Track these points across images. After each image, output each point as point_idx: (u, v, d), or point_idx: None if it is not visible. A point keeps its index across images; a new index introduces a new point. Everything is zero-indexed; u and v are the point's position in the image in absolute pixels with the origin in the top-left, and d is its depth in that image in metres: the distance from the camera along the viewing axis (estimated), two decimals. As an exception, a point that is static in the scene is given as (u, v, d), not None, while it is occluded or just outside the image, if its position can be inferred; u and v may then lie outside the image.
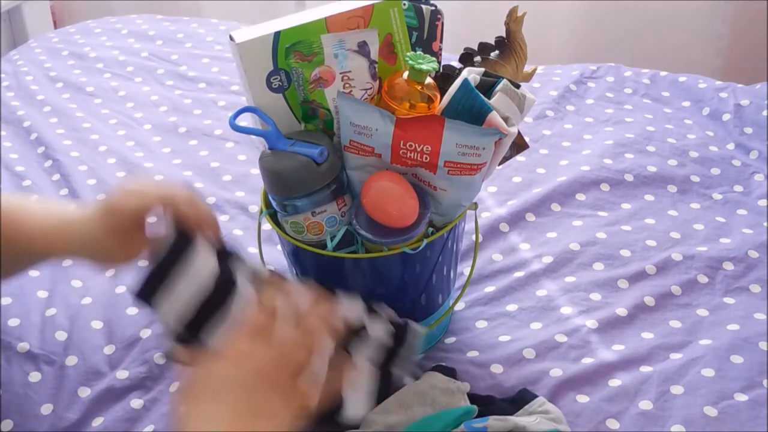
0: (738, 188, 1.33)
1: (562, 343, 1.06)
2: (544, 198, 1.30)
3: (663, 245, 1.21)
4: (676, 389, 1.00)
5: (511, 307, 1.12)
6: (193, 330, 0.88)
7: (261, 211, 1.00)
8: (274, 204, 0.97)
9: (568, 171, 1.35)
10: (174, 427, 0.74)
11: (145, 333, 1.09)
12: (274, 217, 0.99)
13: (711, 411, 0.97)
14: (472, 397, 0.99)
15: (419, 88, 0.93)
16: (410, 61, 0.92)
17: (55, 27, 2.66)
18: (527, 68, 1.07)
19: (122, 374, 1.04)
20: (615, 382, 1.01)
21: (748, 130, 1.45)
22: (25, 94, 1.66)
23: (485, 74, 0.96)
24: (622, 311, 1.10)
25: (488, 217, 1.27)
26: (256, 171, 1.38)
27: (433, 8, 0.99)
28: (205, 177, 1.39)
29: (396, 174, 0.93)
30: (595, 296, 1.13)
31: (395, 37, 0.97)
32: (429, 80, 0.94)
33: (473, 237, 1.18)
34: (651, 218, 1.27)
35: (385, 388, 0.93)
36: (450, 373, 1.01)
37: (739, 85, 1.56)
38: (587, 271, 1.17)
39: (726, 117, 1.49)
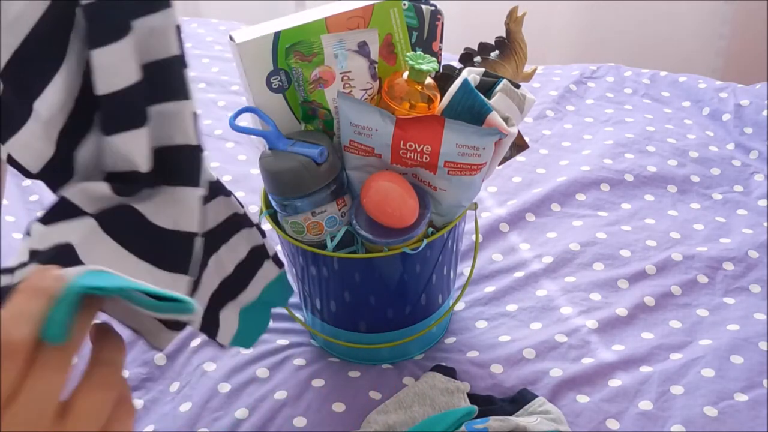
0: (738, 188, 1.33)
1: (562, 343, 1.06)
2: (544, 198, 1.30)
3: (663, 245, 1.21)
4: (676, 389, 1.00)
5: (511, 307, 1.12)
6: None
7: (261, 211, 1.00)
8: (274, 204, 0.97)
9: (568, 171, 1.35)
10: None
11: (145, 333, 1.09)
12: (274, 217, 0.99)
13: (711, 411, 0.97)
14: (472, 397, 0.99)
15: (419, 88, 0.93)
16: (410, 61, 0.92)
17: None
18: (527, 68, 1.07)
19: (122, 374, 1.04)
20: (615, 382, 1.01)
21: (748, 130, 1.45)
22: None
23: (485, 74, 0.96)
24: (622, 311, 1.10)
25: (488, 217, 1.27)
26: (256, 171, 1.38)
27: (433, 8, 0.99)
28: (205, 177, 1.39)
29: (396, 174, 0.93)
30: (595, 296, 1.13)
31: (395, 37, 0.97)
32: (429, 80, 0.94)
33: (473, 237, 1.18)
34: (651, 218, 1.27)
35: None
36: (450, 373, 1.01)
37: (739, 85, 1.56)
38: (587, 271, 1.17)
39: (726, 117, 1.49)
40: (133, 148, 0.66)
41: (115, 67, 0.63)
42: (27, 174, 0.65)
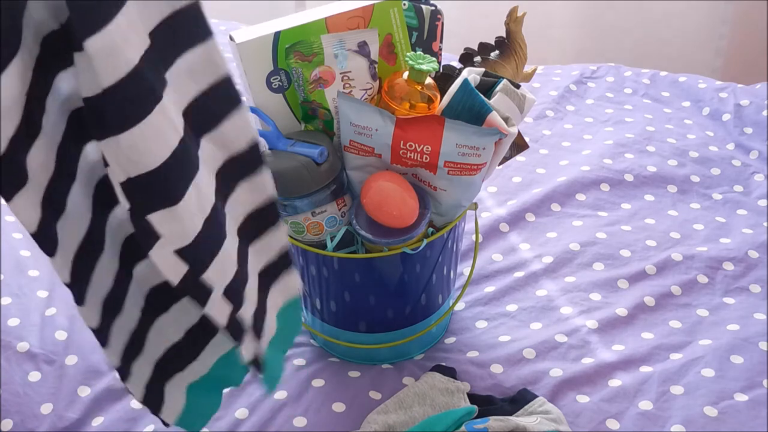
0: (738, 188, 1.33)
1: (562, 343, 1.06)
2: (544, 198, 1.30)
3: (663, 245, 1.21)
4: (676, 389, 1.00)
5: (511, 307, 1.12)
6: None
7: (261, 211, 1.00)
8: (274, 204, 0.97)
9: (568, 171, 1.35)
10: None
11: (145, 333, 1.09)
12: (274, 217, 0.99)
13: (711, 411, 0.97)
14: (472, 397, 0.99)
15: (419, 88, 0.93)
16: (410, 61, 0.92)
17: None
18: (527, 68, 1.07)
19: (122, 374, 1.04)
20: (615, 382, 1.01)
21: (748, 130, 1.45)
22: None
23: (485, 74, 0.96)
24: (622, 311, 1.10)
25: (488, 217, 1.27)
26: (256, 171, 1.38)
27: (433, 8, 0.99)
28: (205, 177, 1.39)
29: (396, 174, 0.93)
30: (595, 296, 1.13)
31: (395, 37, 0.97)
32: (429, 80, 0.94)
33: (473, 237, 1.18)
34: (651, 218, 1.27)
35: None
36: (450, 373, 1.01)
37: (739, 85, 1.56)
38: (587, 271, 1.17)
39: (726, 117, 1.49)
40: (147, 140, 0.59)
41: (118, 48, 0.56)
42: None
